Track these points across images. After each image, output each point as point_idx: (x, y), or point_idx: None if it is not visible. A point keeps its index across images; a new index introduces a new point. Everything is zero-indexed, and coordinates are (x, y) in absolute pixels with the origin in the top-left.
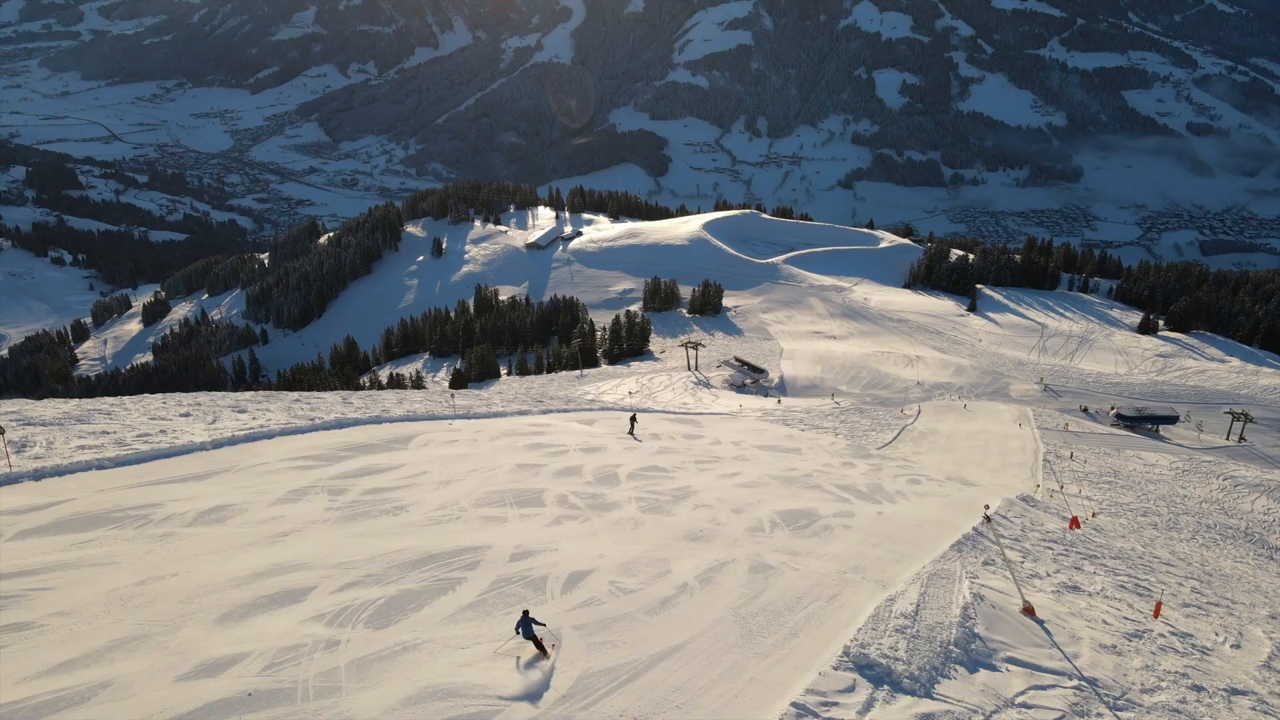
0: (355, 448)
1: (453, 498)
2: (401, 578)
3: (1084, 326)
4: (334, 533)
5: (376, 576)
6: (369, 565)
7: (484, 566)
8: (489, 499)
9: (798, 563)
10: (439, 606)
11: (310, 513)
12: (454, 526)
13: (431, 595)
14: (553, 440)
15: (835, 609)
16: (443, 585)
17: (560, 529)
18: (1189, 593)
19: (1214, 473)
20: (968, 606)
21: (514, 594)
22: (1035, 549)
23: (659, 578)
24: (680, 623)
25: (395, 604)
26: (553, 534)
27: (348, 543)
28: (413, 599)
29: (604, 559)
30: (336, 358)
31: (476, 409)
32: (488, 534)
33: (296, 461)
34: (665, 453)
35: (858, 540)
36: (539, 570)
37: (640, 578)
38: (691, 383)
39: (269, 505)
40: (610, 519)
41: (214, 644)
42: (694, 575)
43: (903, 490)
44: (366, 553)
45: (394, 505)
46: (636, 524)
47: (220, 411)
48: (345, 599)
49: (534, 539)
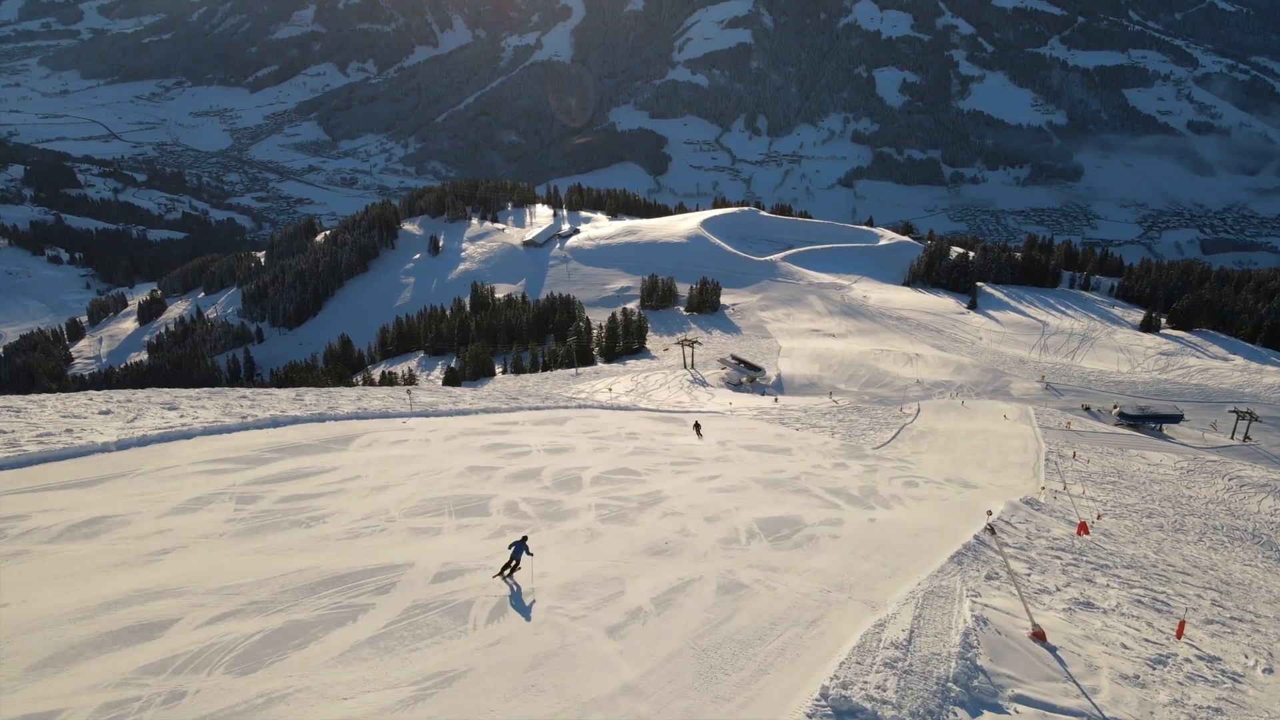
0: (285, 449)
1: (383, 506)
2: (293, 605)
3: (1085, 324)
4: (227, 549)
5: (262, 604)
6: (257, 590)
7: (399, 590)
8: (424, 507)
9: (775, 580)
10: (329, 643)
11: (206, 525)
12: (375, 540)
13: (324, 628)
14: (516, 440)
15: (815, 637)
16: (342, 614)
17: (502, 542)
18: (1209, 606)
19: (1219, 472)
20: (969, 633)
21: (428, 624)
22: (1042, 558)
23: (608, 601)
24: (627, 658)
25: (274, 640)
26: (491, 548)
27: (239, 561)
28: (299, 633)
29: (545, 579)
30: (331, 356)
31: (441, 406)
32: (414, 549)
33: (211, 464)
34: (640, 454)
35: (845, 552)
36: (465, 593)
37: (585, 601)
38: (687, 381)
39: (159, 516)
40: (562, 530)
41: (16, 701)
42: (651, 597)
43: (898, 494)
44: (259, 574)
45: (311, 515)
46: (592, 536)
47: (147, 409)
48: (212, 635)
49: (467, 555)
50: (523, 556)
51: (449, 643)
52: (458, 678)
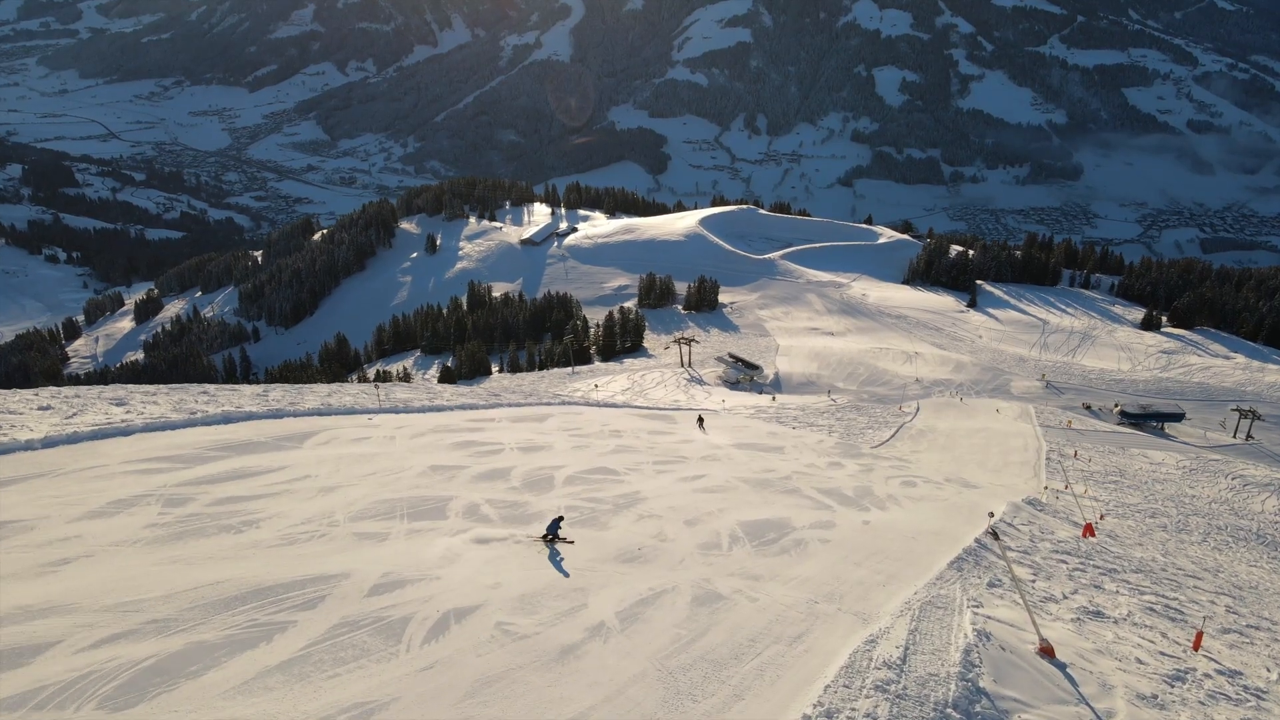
0: (233, 446)
1: (328, 508)
2: (199, 624)
3: (1086, 323)
4: (139, 558)
5: (163, 623)
6: (160, 606)
7: (329, 603)
8: (374, 510)
9: (757, 590)
10: (232, 669)
11: (121, 530)
12: (312, 547)
13: (230, 651)
14: (490, 438)
15: (798, 655)
16: (255, 634)
17: (453, 545)
18: (1224, 613)
19: (1222, 472)
20: (970, 649)
21: (354, 645)
22: (1047, 563)
23: (567, 616)
24: (582, 682)
25: (166, 667)
26: (442, 555)
27: (149, 572)
28: (199, 657)
29: (498, 589)
30: (326, 355)
31: (414, 402)
32: (354, 557)
33: (145, 463)
34: (622, 452)
35: (836, 558)
36: (405, 607)
37: (542, 616)
38: (684, 380)
39: (70, 521)
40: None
41: None
42: (616, 611)
43: (895, 494)
44: (168, 586)
45: (244, 519)
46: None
47: (92, 405)
48: (93, 660)
49: (414, 563)
50: (557, 533)
51: (375, 667)
52: (378, 710)
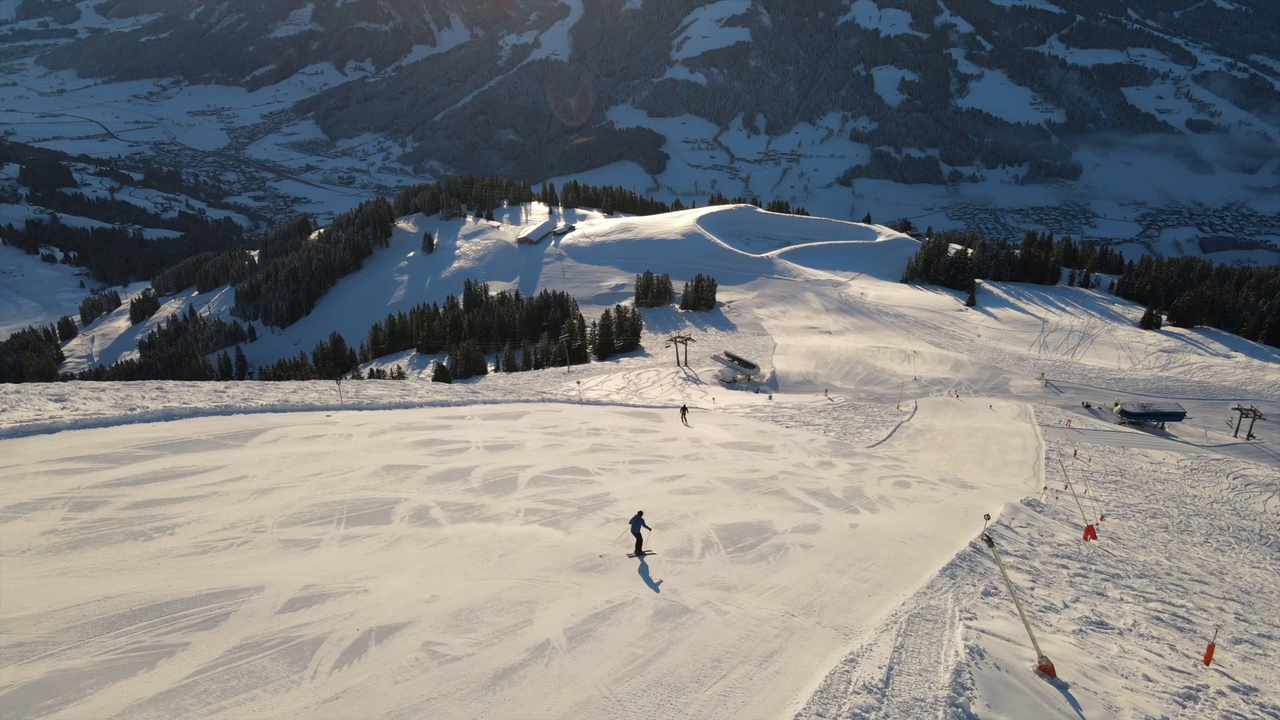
0: (167, 445)
1: (257, 513)
2: (74, 647)
3: (1085, 322)
4: (25, 569)
5: (29, 646)
6: (32, 626)
7: (232, 621)
8: (309, 514)
9: (728, 602)
10: (98, 702)
11: (14, 538)
12: (229, 556)
13: (102, 680)
14: (456, 436)
15: (769, 677)
16: (136, 660)
17: (392, 556)
18: (1234, 620)
19: (1223, 471)
20: (962, 669)
21: (251, 672)
22: (1047, 568)
23: (507, 634)
24: (512, 715)
25: (19, 699)
26: (376, 564)
27: (33, 586)
28: (61, 687)
29: (434, 603)
30: (321, 354)
31: (382, 399)
32: (274, 567)
33: (65, 463)
34: (597, 451)
35: (818, 565)
36: (320, 625)
37: (478, 634)
38: (680, 378)
39: None
40: (475, 541)
41: None
42: (565, 628)
43: (887, 495)
44: (49, 603)
45: (158, 525)
46: (509, 547)
47: (26, 401)
48: None
49: (342, 573)
50: (641, 529)
51: (269, 699)
52: None
